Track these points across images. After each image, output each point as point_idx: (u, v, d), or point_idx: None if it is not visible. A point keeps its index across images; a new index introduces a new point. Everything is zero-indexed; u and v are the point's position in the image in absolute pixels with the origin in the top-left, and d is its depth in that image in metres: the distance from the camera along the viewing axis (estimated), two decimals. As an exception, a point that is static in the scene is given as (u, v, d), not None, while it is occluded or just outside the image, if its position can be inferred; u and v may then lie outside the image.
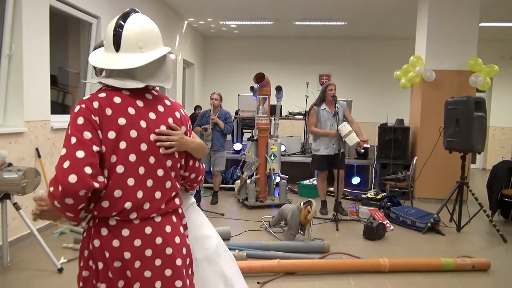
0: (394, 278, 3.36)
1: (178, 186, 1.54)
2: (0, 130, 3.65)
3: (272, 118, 6.41)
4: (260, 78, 5.62)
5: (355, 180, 6.93)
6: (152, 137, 1.44)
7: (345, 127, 4.92)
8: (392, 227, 4.74)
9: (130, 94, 1.45)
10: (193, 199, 1.92)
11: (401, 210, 5.10)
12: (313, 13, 8.29)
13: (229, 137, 6.34)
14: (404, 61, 6.73)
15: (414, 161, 6.12)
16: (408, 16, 7.69)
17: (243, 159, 6.16)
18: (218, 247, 1.86)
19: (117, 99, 1.42)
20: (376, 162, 6.76)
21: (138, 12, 1.52)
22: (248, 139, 6.37)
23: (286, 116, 8.14)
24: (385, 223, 4.61)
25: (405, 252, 4.03)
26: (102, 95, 1.42)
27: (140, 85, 1.44)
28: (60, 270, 3.27)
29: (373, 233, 4.36)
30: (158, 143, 1.44)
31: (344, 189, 5.95)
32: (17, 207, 3.30)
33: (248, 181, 5.63)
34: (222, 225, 4.55)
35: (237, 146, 7.26)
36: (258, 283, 3.15)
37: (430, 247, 4.26)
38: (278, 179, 5.95)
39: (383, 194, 5.56)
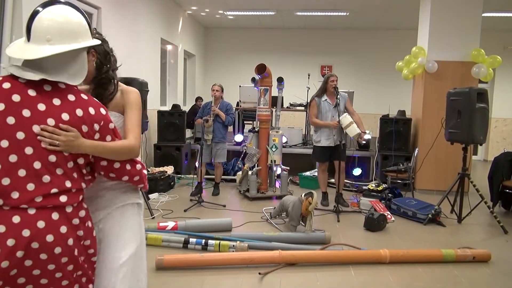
0: (395, 269, 3.38)
1: (67, 185, 1.46)
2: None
3: (274, 110, 6.40)
4: (261, 69, 5.59)
5: (356, 171, 6.94)
6: (35, 128, 1.41)
7: (346, 118, 4.92)
8: (393, 219, 4.75)
9: (26, 82, 1.44)
10: (128, 201, 1.80)
11: (402, 201, 5.10)
12: (314, 3, 8.23)
13: (230, 128, 6.33)
14: (406, 52, 6.69)
15: (416, 152, 6.12)
16: (410, 7, 7.63)
17: (244, 151, 6.16)
18: (121, 267, 1.71)
19: (6, 85, 1.42)
20: (378, 154, 6.75)
21: (65, 3, 1.51)
22: (250, 131, 6.37)
23: (287, 107, 8.12)
24: (386, 214, 4.61)
25: (406, 243, 4.04)
26: None
27: (36, 77, 1.41)
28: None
29: (374, 224, 4.37)
30: (38, 137, 1.41)
31: (345, 180, 5.95)
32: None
33: (250, 172, 5.64)
34: (224, 216, 4.57)
35: (238, 138, 7.25)
36: (259, 274, 3.17)
37: (431, 238, 4.27)
38: (279, 171, 5.96)
39: (384, 185, 5.58)
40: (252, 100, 6.99)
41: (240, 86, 7.57)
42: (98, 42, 1.61)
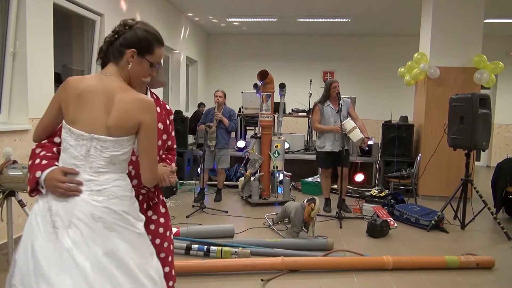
0: (398, 276, 3.36)
1: None
2: (4, 128, 3.67)
3: (276, 116, 6.41)
4: (263, 75, 5.60)
5: (359, 177, 6.92)
6: None
7: (349, 123, 4.92)
8: (395, 225, 4.72)
9: None
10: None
11: (405, 207, 5.08)
12: (316, 10, 8.26)
13: (232, 134, 6.34)
14: (408, 58, 6.69)
15: (418, 158, 6.10)
16: (412, 13, 7.65)
17: (246, 157, 6.17)
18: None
19: None
20: (380, 160, 6.74)
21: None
22: (252, 137, 6.37)
23: (289, 113, 8.13)
24: (388, 220, 4.59)
25: (409, 249, 4.03)
26: None
27: None
28: (65, 267, 3.27)
29: (377, 230, 4.35)
30: None
31: (348, 186, 5.94)
32: (22, 204, 3.31)
33: (252, 178, 5.64)
34: (226, 222, 4.57)
35: (241, 144, 7.26)
36: (261, 280, 3.15)
37: (434, 244, 4.25)
38: (281, 177, 5.95)
39: (387, 191, 5.55)
40: (254, 106, 7.00)
41: (242, 92, 7.58)
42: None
